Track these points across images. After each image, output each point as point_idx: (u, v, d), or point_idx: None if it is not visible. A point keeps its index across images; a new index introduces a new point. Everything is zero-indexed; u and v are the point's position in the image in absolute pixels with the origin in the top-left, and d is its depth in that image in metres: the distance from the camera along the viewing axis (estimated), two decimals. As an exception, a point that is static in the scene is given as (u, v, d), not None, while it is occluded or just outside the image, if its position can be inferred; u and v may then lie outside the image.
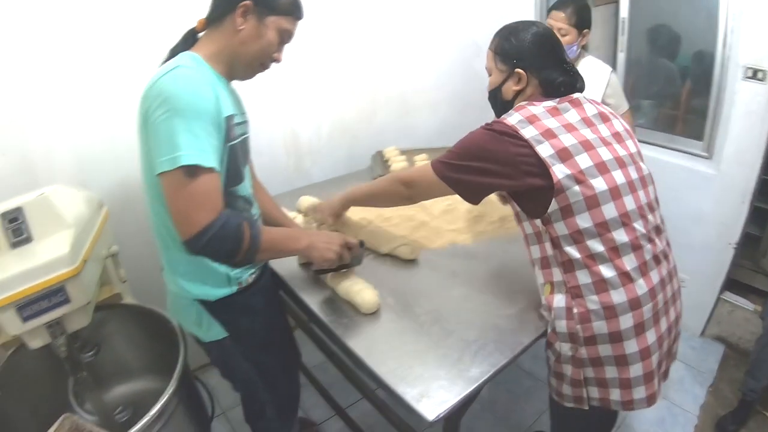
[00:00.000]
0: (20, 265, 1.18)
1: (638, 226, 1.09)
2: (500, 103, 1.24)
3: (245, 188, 1.24)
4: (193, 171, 1.00)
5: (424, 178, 1.22)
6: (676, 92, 2.57)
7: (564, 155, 1.05)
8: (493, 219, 1.75)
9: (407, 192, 1.31)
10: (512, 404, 2.15)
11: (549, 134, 1.06)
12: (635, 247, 1.08)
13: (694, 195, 2.33)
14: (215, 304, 1.25)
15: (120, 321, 1.66)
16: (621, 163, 1.10)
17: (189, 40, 1.20)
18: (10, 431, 1.35)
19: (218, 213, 1.04)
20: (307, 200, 1.86)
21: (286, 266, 1.49)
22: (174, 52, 1.17)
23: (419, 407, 1.00)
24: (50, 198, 1.29)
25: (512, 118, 1.09)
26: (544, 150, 1.04)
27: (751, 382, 1.94)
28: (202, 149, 1.01)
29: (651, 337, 1.11)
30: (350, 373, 1.56)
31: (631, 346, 1.09)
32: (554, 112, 1.11)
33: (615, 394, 1.14)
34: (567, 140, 1.06)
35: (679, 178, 2.37)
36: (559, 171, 1.04)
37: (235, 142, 1.15)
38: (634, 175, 1.12)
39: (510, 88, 1.20)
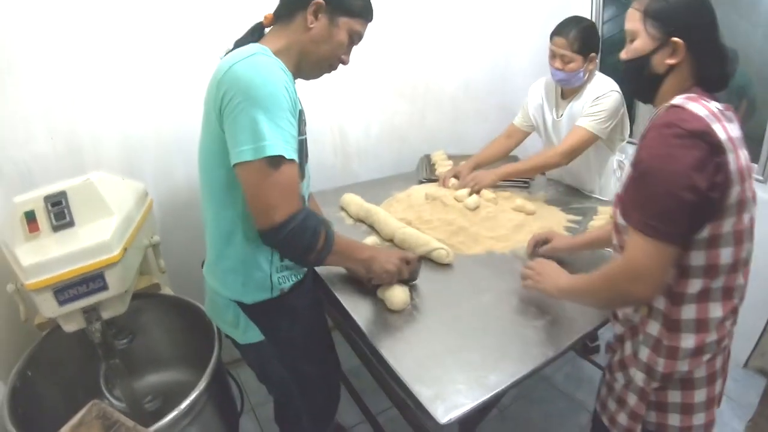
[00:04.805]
0: (60, 249, 1.20)
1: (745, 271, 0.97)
2: (645, 78, 0.97)
3: (303, 187, 1.20)
4: (277, 162, 0.98)
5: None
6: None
7: (741, 177, 0.85)
8: (533, 229, 1.67)
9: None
10: (546, 425, 2.06)
11: (733, 144, 0.84)
12: (741, 293, 0.98)
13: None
14: (253, 307, 1.22)
15: (157, 311, 1.67)
16: (754, 200, 0.94)
17: (256, 34, 1.18)
18: (39, 411, 1.36)
19: (300, 206, 1.02)
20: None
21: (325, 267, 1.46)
22: (239, 45, 1.12)
23: (432, 408, 0.97)
24: (95, 184, 1.30)
25: (698, 109, 0.84)
26: (733, 163, 0.83)
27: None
28: (285, 140, 0.99)
29: (719, 387, 1.04)
30: (381, 377, 1.52)
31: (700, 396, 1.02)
32: (721, 118, 0.86)
33: (674, 420, 1.05)
34: (743, 158, 0.87)
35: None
36: (734, 194, 0.85)
37: (303, 137, 1.13)
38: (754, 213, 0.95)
39: (661, 60, 0.93)
